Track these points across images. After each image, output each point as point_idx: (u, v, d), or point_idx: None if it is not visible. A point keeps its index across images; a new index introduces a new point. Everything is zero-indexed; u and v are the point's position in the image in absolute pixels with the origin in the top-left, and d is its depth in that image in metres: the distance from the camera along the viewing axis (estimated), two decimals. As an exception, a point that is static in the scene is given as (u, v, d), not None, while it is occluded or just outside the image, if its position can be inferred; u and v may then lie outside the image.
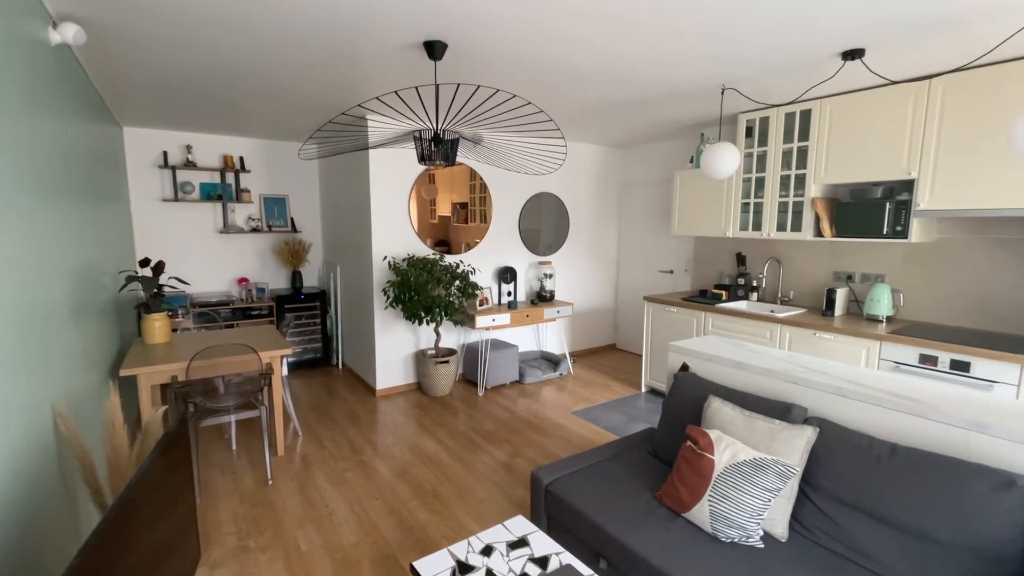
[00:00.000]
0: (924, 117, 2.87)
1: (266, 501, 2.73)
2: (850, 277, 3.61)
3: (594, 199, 5.55)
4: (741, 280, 4.21)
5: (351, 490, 2.84)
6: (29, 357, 1.55)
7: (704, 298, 4.14)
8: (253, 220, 5.06)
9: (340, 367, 5.25)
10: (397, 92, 3.14)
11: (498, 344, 4.68)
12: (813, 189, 3.41)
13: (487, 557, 1.59)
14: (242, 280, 5.03)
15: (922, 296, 3.27)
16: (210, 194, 4.80)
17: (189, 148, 4.62)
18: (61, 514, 1.70)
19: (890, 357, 2.89)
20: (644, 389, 4.47)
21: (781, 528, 1.74)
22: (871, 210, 3.10)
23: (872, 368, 2.90)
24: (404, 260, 4.22)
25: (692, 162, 4.33)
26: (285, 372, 3.46)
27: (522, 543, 1.66)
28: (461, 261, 4.64)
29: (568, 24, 2.10)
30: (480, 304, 4.52)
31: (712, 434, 1.86)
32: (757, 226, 3.79)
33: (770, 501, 1.68)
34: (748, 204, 3.84)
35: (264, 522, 2.55)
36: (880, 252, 3.45)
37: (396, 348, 4.41)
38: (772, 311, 3.72)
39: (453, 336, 4.70)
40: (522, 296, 5.11)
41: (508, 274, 4.77)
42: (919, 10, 1.97)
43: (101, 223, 2.91)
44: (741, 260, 4.27)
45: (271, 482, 2.93)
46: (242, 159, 4.91)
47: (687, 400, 2.26)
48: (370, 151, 4.02)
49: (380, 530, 2.48)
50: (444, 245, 4.59)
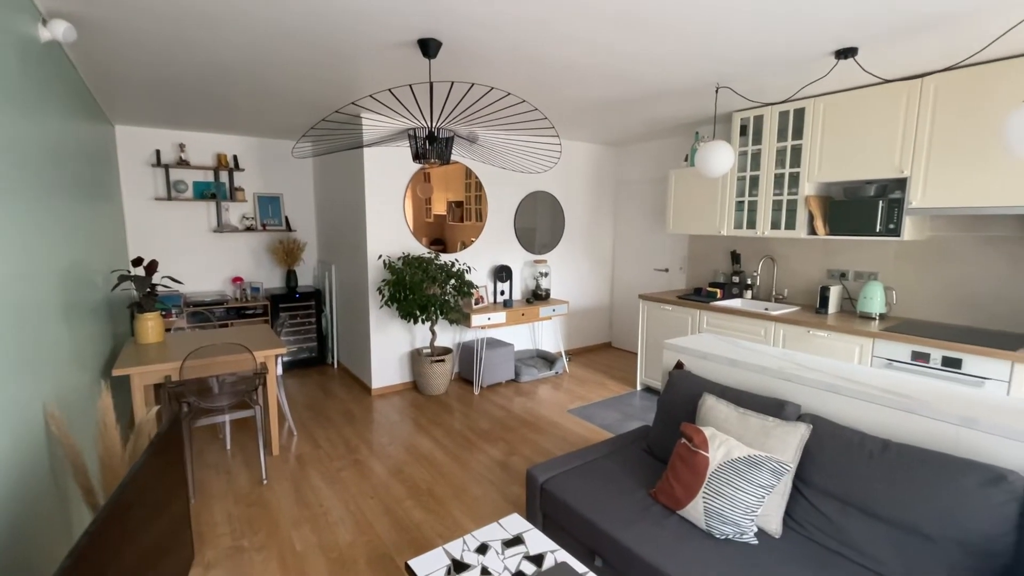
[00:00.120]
0: (916, 116, 2.89)
1: (261, 501, 2.73)
2: (843, 275, 3.63)
3: (589, 197, 5.55)
4: (736, 278, 4.22)
5: (346, 489, 2.84)
6: (19, 357, 1.53)
7: (699, 296, 4.16)
8: (247, 219, 5.04)
9: (335, 366, 5.24)
10: (391, 90, 3.13)
11: (494, 343, 4.68)
12: (807, 187, 3.43)
13: (482, 555, 1.59)
14: (236, 279, 5.01)
15: (914, 293, 3.29)
16: (203, 193, 4.77)
17: (182, 146, 4.59)
18: (53, 515, 1.69)
19: (883, 354, 2.91)
20: (639, 387, 4.49)
21: (775, 524, 1.75)
22: (864, 208, 3.12)
23: (865, 365, 2.91)
24: (399, 259, 4.21)
25: (687, 160, 4.34)
26: (280, 371, 3.45)
27: (517, 541, 1.66)
28: (456, 260, 4.63)
29: (564, 23, 2.10)
30: (475, 303, 4.52)
31: (706, 431, 1.87)
32: (751, 224, 3.81)
33: (764, 498, 1.69)
34: (742, 202, 3.86)
35: (259, 522, 2.54)
36: (873, 250, 3.47)
37: (391, 347, 4.40)
38: (766, 309, 3.74)
39: (449, 335, 4.70)
40: (518, 295, 5.11)
41: (504, 273, 4.77)
42: (911, 9, 1.98)
43: (93, 222, 2.89)
44: (736, 258, 4.28)
45: (266, 482, 2.92)
46: (236, 157, 4.88)
47: (682, 398, 2.27)
48: (365, 149, 4.01)
49: (375, 529, 2.48)
50: (439, 244, 4.58)
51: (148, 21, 2.09)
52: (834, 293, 3.47)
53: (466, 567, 1.54)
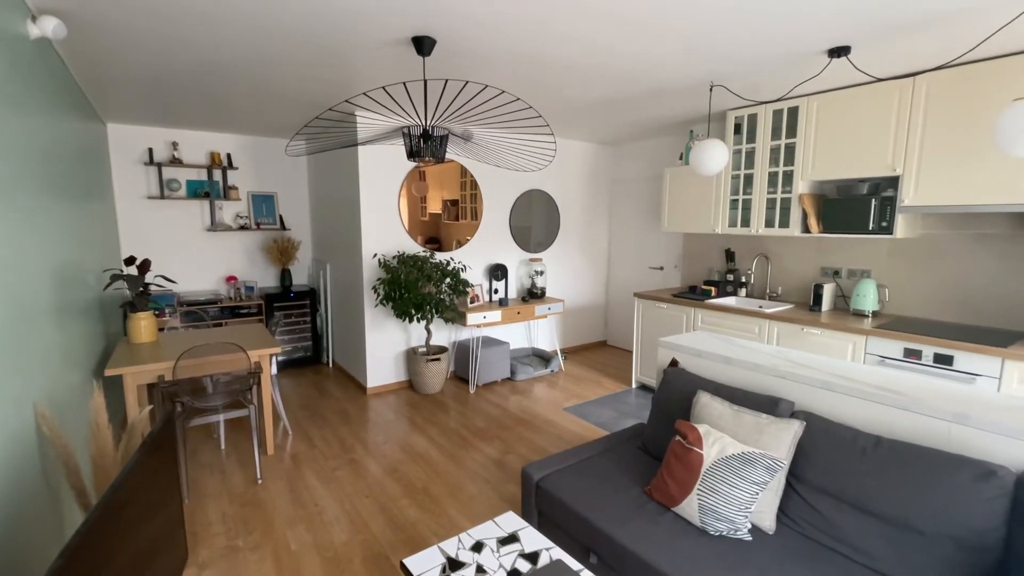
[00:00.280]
0: (908, 114, 2.90)
1: (255, 500, 2.71)
2: (837, 272, 3.65)
3: (584, 196, 5.55)
4: (730, 276, 4.24)
5: (341, 488, 2.83)
6: (9, 357, 1.52)
7: (693, 294, 4.17)
8: (241, 218, 5.01)
9: (331, 365, 5.22)
10: (385, 88, 3.11)
11: (489, 341, 4.67)
12: (800, 185, 3.44)
13: (477, 553, 1.59)
14: (230, 278, 4.98)
15: (907, 291, 3.31)
16: (197, 191, 4.74)
17: (175, 145, 4.56)
18: (45, 516, 1.68)
19: (876, 351, 2.93)
20: (635, 385, 4.50)
21: (768, 521, 1.75)
22: (857, 206, 3.14)
23: (858, 362, 2.93)
24: (394, 258, 4.20)
25: (681, 159, 4.35)
26: (274, 371, 3.44)
27: (512, 539, 1.66)
28: (452, 258, 4.62)
29: (559, 21, 2.09)
30: (471, 301, 4.51)
31: (701, 429, 1.87)
32: (746, 222, 3.82)
33: (758, 494, 1.70)
34: (737, 200, 3.87)
35: (253, 521, 2.53)
36: (866, 248, 3.49)
37: (387, 346, 4.39)
38: (760, 307, 3.75)
39: (444, 334, 4.69)
40: (513, 293, 5.11)
41: (499, 271, 4.77)
42: (903, 8, 1.99)
43: (84, 221, 2.87)
44: (730, 256, 4.30)
45: (260, 481, 2.91)
46: (229, 156, 4.86)
47: (676, 395, 2.28)
48: (360, 148, 4.00)
49: (370, 528, 2.47)
50: (435, 242, 4.57)
51: (140, 18, 2.07)
52: (827, 291, 3.49)
53: (461, 565, 1.54)
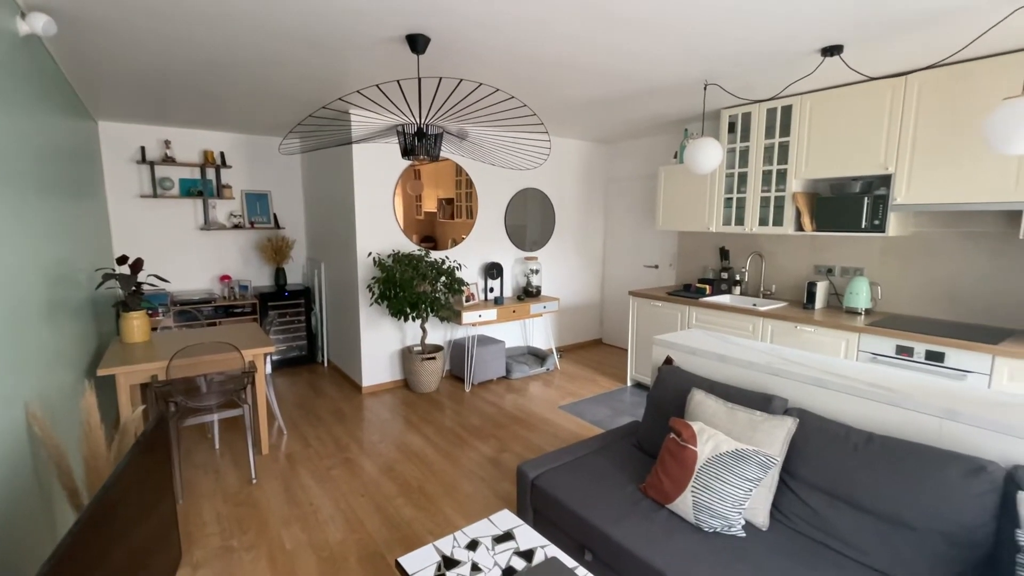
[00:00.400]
0: (901, 113, 2.92)
1: (250, 500, 2.71)
2: (830, 270, 3.68)
3: (580, 195, 5.56)
4: (724, 274, 4.26)
5: (337, 488, 2.83)
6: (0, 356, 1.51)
7: (688, 292, 4.18)
8: (235, 216, 4.98)
9: (325, 365, 5.21)
10: (378, 86, 3.10)
11: (485, 340, 4.67)
12: (794, 184, 3.46)
13: (472, 551, 1.59)
14: (224, 277, 4.95)
15: (899, 289, 3.34)
16: (190, 190, 4.71)
17: (167, 143, 4.53)
18: (36, 517, 1.67)
19: (868, 349, 2.95)
20: (630, 383, 4.51)
21: (762, 517, 1.77)
22: (850, 204, 3.16)
23: (851, 360, 2.95)
24: (389, 256, 4.19)
25: (676, 157, 4.36)
26: (269, 370, 3.43)
27: (507, 537, 1.67)
28: (447, 257, 4.62)
29: (554, 20, 2.09)
30: (466, 300, 4.51)
31: (695, 426, 1.88)
32: (740, 221, 3.84)
33: (751, 491, 1.71)
34: (731, 199, 3.88)
35: (248, 521, 2.52)
36: (859, 246, 3.51)
37: (382, 345, 4.38)
38: (754, 304, 3.77)
39: (439, 332, 4.68)
40: (508, 292, 5.11)
41: (494, 270, 4.77)
42: (895, 7, 2.00)
43: (76, 220, 2.84)
44: (724, 254, 4.31)
45: (255, 481, 2.90)
46: (223, 154, 4.83)
47: (671, 393, 2.28)
48: (355, 146, 3.98)
49: (366, 527, 2.47)
50: (430, 241, 4.56)
51: (131, 15, 2.06)
52: (821, 289, 3.51)
53: (456, 563, 1.54)
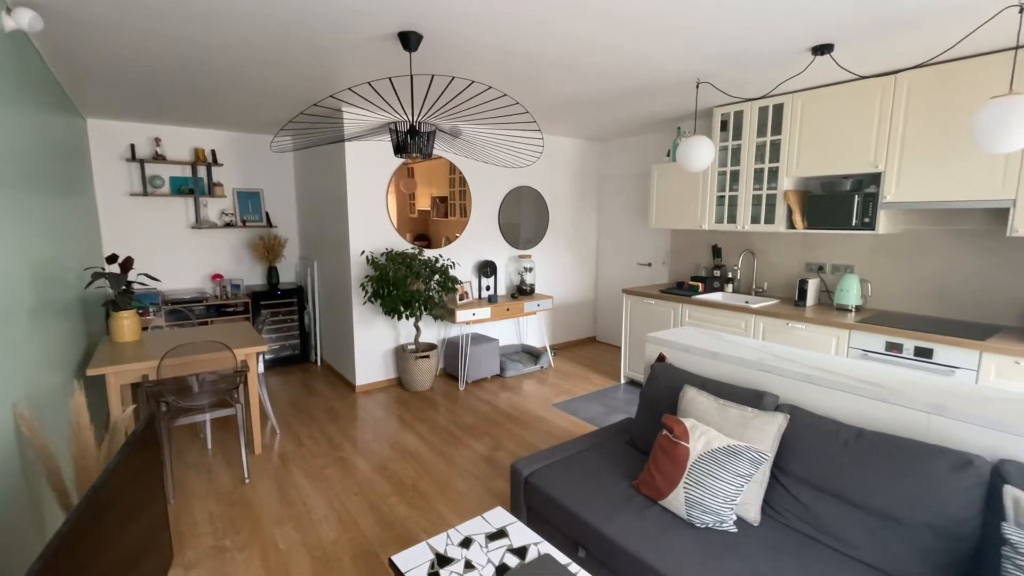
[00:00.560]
0: (890, 111, 2.95)
1: (243, 500, 2.69)
2: (821, 268, 3.70)
3: (573, 193, 5.57)
4: (717, 272, 4.28)
5: (330, 487, 2.82)
6: (-13, 357, 1.49)
7: (681, 290, 4.20)
8: (227, 215, 4.95)
9: (319, 364, 5.19)
10: (370, 83, 3.09)
11: (479, 338, 4.67)
12: (785, 182, 3.48)
13: (466, 549, 1.59)
14: (216, 276, 4.92)
15: (889, 286, 3.37)
16: (181, 188, 4.67)
17: (158, 141, 4.49)
18: (25, 519, 1.65)
19: (859, 345, 2.98)
20: (623, 380, 4.53)
21: (754, 513, 1.78)
22: (840, 202, 3.18)
23: (841, 356, 2.98)
24: (383, 255, 4.17)
25: (669, 155, 4.37)
26: (262, 369, 3.41)
27: (501, 534, 1.67)
28: (441, 255, 4.61)
29: (547, 17, 2.09)
30: (460, 298, 4.51)
31: (687, 423, 1.89)
32: (732, 219, 3.86)
33: (743, 487, 1.72)
34: (723, 197, 3.90)
35: (241, 521, 2.51)
36: (849, 243, 3.54)
37: (375, 343, 4.37)
38: (747, 302, 3.79)
39: (433, 331, 4.68)
40: (502, 290, 5.11)
41: (488, 268, 4.77)
42: (884, 6, 2.02)
43: (64, 218, 2.81)
44: (717, 252, 4.34)
45: (248, 481, 2.88)
46: (214, 152, 4.79)
47: (663, 390, 2.30)
48: (347, 144, 3.96)
49: (360, 526, 2.47)
50: (424, 239, 4.56)
51: (119, 11, 2.03)
52: (812, 286, 3.53)
53: (450, 561, 1.54)
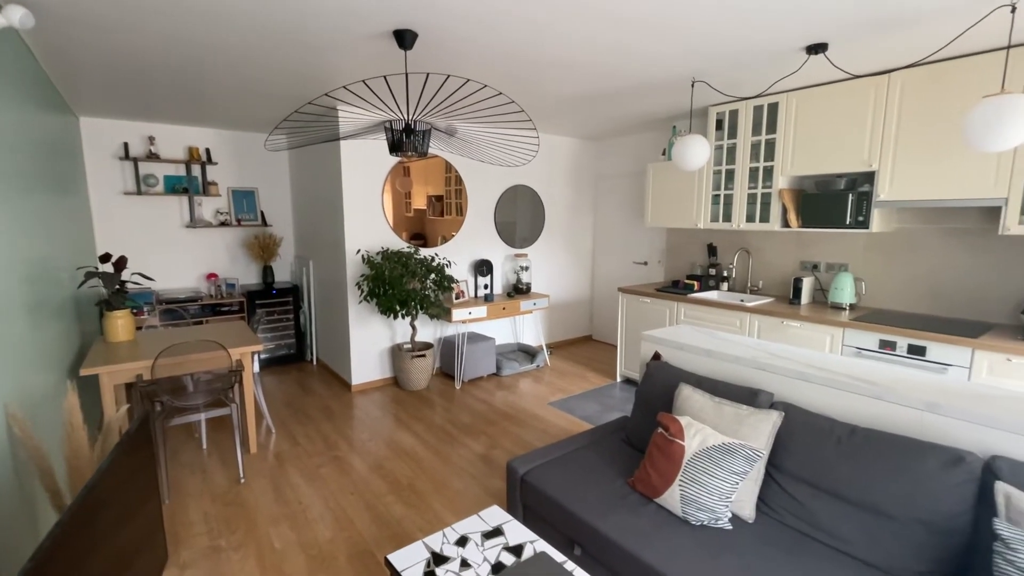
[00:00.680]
0: (884, 110, 2.96)
1: (238, 500, 2.68)
2: (816, 266, 3.72)
3: (569, 192, 5.57)
4: (712, 270, 4.29)
5: (326, 486, 2.81)
6: (-22, 357, 1.48)
7: (676, 288, 4.22)
8: (221, 214, 4.92)
9: (315, 363, 5.17)
10: (365, 81, 3.08)
11: (475, 337, 4.67)
12: (780, 181, 3.49)
13: (462, 548, 1.60)
14: (211, 275, 4.89)
15: (882, 284, 3.39)
16: (175, 187, 4.64)
17: (151, 139, 4.46)
18: (17, 519, 1.64)
19: (853, 343, 3.00)
20: (619, 379, 4.54)
21: (748, 510, 1.79)
22: (835, 201, 3.19)
23: (836, 354, 3.00)
24: (378, 254, 4.16)
25: (664, 154, 4.38)
26: (257, 369, 3.40)
27: (497, 533, 1.67)
28: (437, 254, 4.61)
29: (543, 16, 2.09)
30: (456, 297, 4.50)
31: (682, 420, 1.90)
32: (727, 217, 3.87)
33: (738, 484, 1.73)
34: (718, 196, 3.91)
35: (236, 521, 2.50)
36: (843, 242, 3.56)
37: (371, 342, 4.36)
38: (742, 300, 3.81)
39: (429, 330, 4.67)
40: (498, 289, 5.11)
41: (484, 267, 4.77)
42: (878, 5, 2.02)
43: (57, 217, 2.79)
44: (712, 251, 4.35)
45: (243, 480, 2.87)
46: (208, 151, 4.76)
47: (659, 388, 2.30)
48: (342, 143, 3.95)
49: (356, 525, 2.46)
50: (420, 238, 4.55)
51: (112, 9, 2.02)
52: (807, 284, 3.55)
53: (446, 559, 1.54)
